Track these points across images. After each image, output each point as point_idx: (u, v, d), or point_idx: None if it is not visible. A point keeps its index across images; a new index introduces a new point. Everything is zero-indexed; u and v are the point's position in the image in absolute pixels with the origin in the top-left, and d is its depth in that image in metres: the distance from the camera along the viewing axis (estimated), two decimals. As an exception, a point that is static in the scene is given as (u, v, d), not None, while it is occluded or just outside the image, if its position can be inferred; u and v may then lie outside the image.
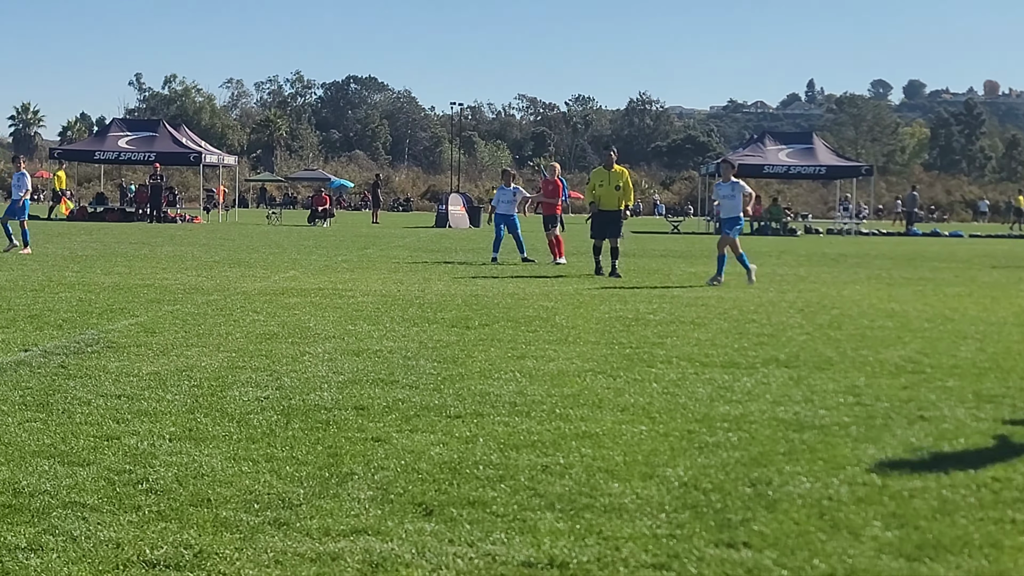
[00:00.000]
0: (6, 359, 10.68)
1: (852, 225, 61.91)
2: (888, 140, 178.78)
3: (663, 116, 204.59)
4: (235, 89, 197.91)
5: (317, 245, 33.85)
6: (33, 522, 5.69)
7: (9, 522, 5.67)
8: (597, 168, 25.64)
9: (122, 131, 60.77)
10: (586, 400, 9.18)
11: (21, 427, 7.79)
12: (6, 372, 9.93)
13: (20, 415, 8.18)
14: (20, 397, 8.82)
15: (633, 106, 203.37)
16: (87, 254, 26.77)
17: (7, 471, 6.61)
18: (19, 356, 10.87)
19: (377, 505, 6.10)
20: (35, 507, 5.92)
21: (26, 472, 6.59)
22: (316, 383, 9.70)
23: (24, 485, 6.31)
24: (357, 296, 17.46)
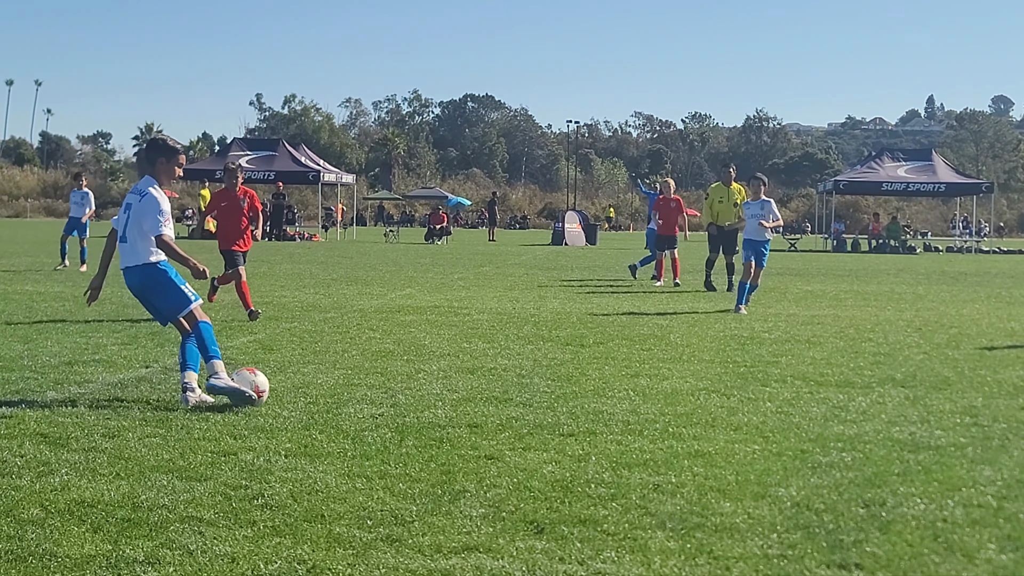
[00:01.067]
0: (128, 375, 10.90)
1: (972, 243, 60.85)
2: (1009, 157, 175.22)
3: (780, 133, 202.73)
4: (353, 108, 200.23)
5: (434, 263, 34.07)
6: (151, 536, 5.80)
7: (128, 535, 5.79)
8: (716, 184, 25.72)
9: (242, 150, 61.67)
10: (699, 419, 9.14)
11: (141, 442, 7.94)
12: (128, 388, 10.14)
13: (141, 430, 8.34)
14: (140, 413, 8.99)
15: (750, 123, 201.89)
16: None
17: (127, 485, 6.74)
18: (140, 372, 11.09)
19: (489, 523, 6.13)
20: (153, 521, 6.04)
21: (145, 486, 6.72)
22: (430, 401, 9.77)
23: (143, 499, 6.43)
24: (472, 314, 17.55)
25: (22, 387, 10.08)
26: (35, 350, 12.47)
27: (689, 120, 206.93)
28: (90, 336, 13.76)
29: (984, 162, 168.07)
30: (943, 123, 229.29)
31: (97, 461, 7.35)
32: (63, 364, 11.49)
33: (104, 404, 9.33)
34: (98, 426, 8.45)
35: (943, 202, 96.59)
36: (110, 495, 6.51)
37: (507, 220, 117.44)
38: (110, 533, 5.82)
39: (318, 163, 63.45)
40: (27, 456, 7.45)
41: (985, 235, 71.78)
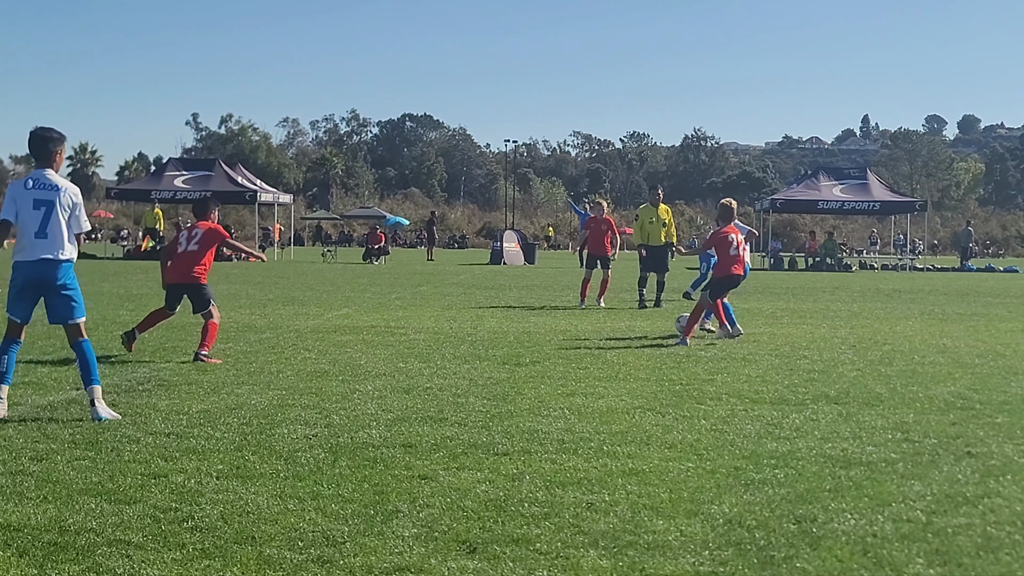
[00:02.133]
0: (58, 397, 10.79)
1: (907, 260, 61.45)
2: (943, 175, 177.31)
3: (718, 152, 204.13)
4: (291, 128, 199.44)
5: (372, 283, 33.98)
6: (78, 560, 5.73)
7: (54, 560, 5.72)
8: (645, 205, 26.30)
9: (178, 170, 61.30)
10: (634, 437, 9.16)
11: (70, 465, 7.85)
12: (58, 410, 10.03)
13: (70, 453, 8.25)
14: (70, 435, 8.90)
15: (688, 142, 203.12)
16: (142, 293, 26.96)
17: (54, 509, 6.67)
18: (71, 394, 10.97)
19: (421, 543, 6.11)
20: (80, 545, 5.97)
21: (73, 510, 6.64)
22: (365, 421, 9.73)
23: (71, 523, 6.36)
24: (409, 333, 17.51)
25: (-50, 410, 9.94)
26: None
27: (628, 139, 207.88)
28: (20, 358, 13.57)
29: (918, 180, 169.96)
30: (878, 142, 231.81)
31: (24, 484, 7.26)
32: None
33: (33, 427, 9.22)
34: (26, 449, 8.36)
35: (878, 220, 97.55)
36: (37, 519, 6.43)
37: (446, 239, 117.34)
38: (36, 557, 5.75)
39: (255, 183, 63.16)
40: (-47, 480, 7.35)
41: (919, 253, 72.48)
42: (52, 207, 9.73)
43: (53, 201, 9.75)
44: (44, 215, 9.70)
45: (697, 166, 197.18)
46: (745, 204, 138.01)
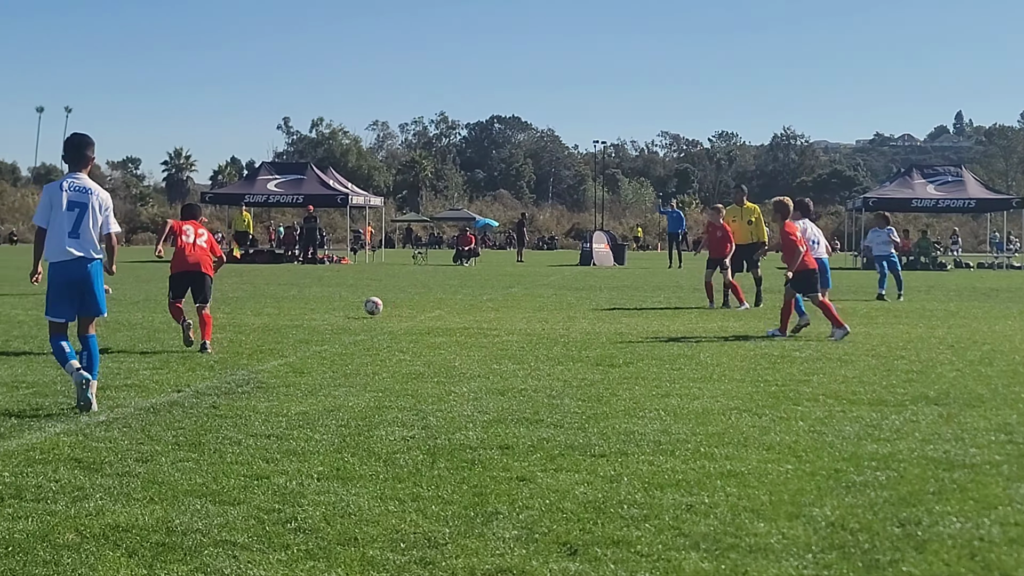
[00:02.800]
0: (161, 399, 10.95)
1: (1004, 259, 60.53)
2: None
3: (808, 151, 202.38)
4: (381, 131, 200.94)
5: (462, 284, 34.09)
6: (186, 560, 5.82)
7: (163, 560, 5.81)
8: (731, 205, 26.69)
9: (271, 174, 61.80)
10: (731, 439, 9.12)
11: (174, 466, 7.97)
12: (160, 412, 10.18)
13: (173, 455, 8.38)
14: (173, 437, 9.04)
15: (777, 141, 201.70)
16: (237, 296, 27.28)
17: (161, 510, 6.77)
18: (172, 397, 11.14)
19: (522, 544, 6.13)
20: (187, 545, 6.06)
21: (179, 511, 6.75)
22: (461, 422, 9.78)
23: (177, 524, 6.46)
24: (502, 335, 17.56)
25: (56, 412, 10.15)
26: (67, 376, 12.51)
27: (716, 139, 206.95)
28: (122, 361, 13.83)
29: (1014, 177, 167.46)
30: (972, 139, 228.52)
31: (131, 486, 7.38)
32: (96, 389, 11.52)
33: (137, 429, 9.37)
34: (132, 451, 8.49)
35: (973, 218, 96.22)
36: (144, 519, 6.53)
37: (535, 241, 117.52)
38: (145, 558, 5.85)
39: (346, 186, 63.55)
40: (62, 481, 7.49)
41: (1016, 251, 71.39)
42: (85, 209, 10.34)
43: (86, 203, 10.36)
44: (77, 216, 10.30)
45: (787, 165, 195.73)
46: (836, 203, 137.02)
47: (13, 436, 9.04)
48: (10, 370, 12.89)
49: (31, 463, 8.04)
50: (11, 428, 9.38)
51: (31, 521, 6.50)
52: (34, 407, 10.42)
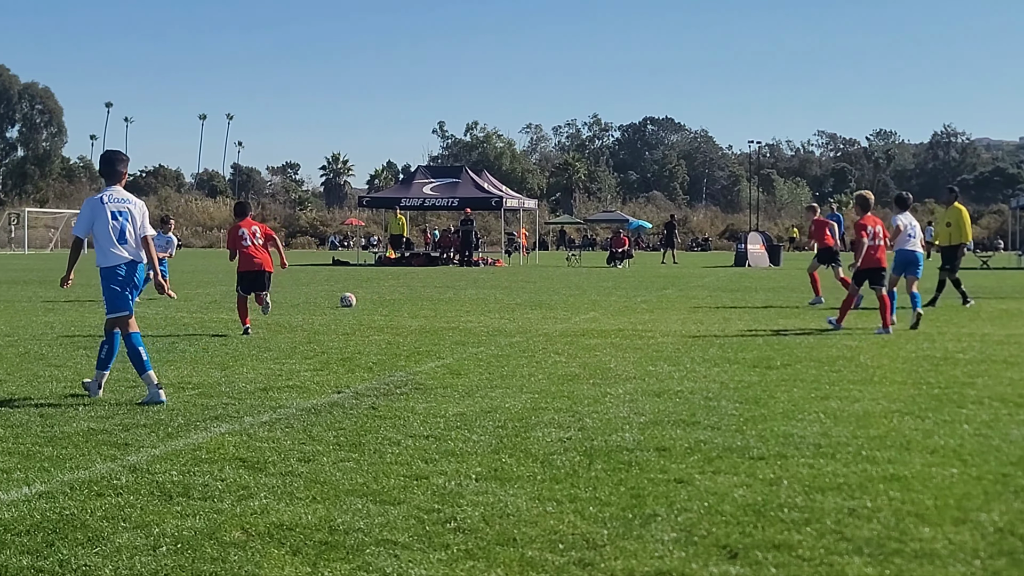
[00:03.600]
0: (321, 400, 11.12)
1: None
2: None
3: (969, 148, 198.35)
4: (534, 134, 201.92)
5: (616, 286, 34.04)
6: (348, 559, 5.91)
7: (326, 558, 5.91)
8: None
9: (426, 178, 62.40)
10: (893, 442, 8.97)
11: (335, 466, 8.10)
12: (321, 413, 10.34)
13: (335, 455, 8.51)
14: (334, 437, 9.18)
15: (937, 139, 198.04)
16: (394, 298, 27.61)
17: (323, 509, 6.88)
18: (333, 398, 11.31)
19: (681, 547, 6.10)
20: (349, 544, 6.14)
21: (341, 510, 6.85)
22: (618, 424, 9.76)
23: (339, 523, 6.56)
24: (657, 337, 17.50)
25: (221, 413, 10.37)
26: (232, 376, 12.81)
27: (874, 137, 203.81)
28: (283, 363, 14.09)
29: None
30: None
31: (294, 485, 7.51)
32: (259, 390, 11.79)
33: (299, 429, 9.53)
34: (294, 450, 8.65)
35: None
36: (307, 518, 6.64)
37: (688, 242, 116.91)
38: (309, 556, 5.95)
39: (500, 189, 63.92)
40: (227, 480, 7.66)
41: None
42: (127, 217, 11.37)
43: (127, 212, 11.39)
44: (122, 225, 11.29)
45: (947, 163, 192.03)
46: (999, 201, 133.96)
47: (180, 436, 9.27)
48: (176, 372, 13.20)
49: (197, 462, 8.24)
50: (178, 428, 9.61)
51: (198, 519, 6.65)
52: (200, 407, 10.66)
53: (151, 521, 6.59)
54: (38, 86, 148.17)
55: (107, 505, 6.95)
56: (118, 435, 9.27)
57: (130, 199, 11.57)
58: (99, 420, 9.96)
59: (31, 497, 7.16)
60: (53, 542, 6.17)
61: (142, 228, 11.47)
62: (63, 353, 15.03)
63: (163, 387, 11.16)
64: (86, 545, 6.11)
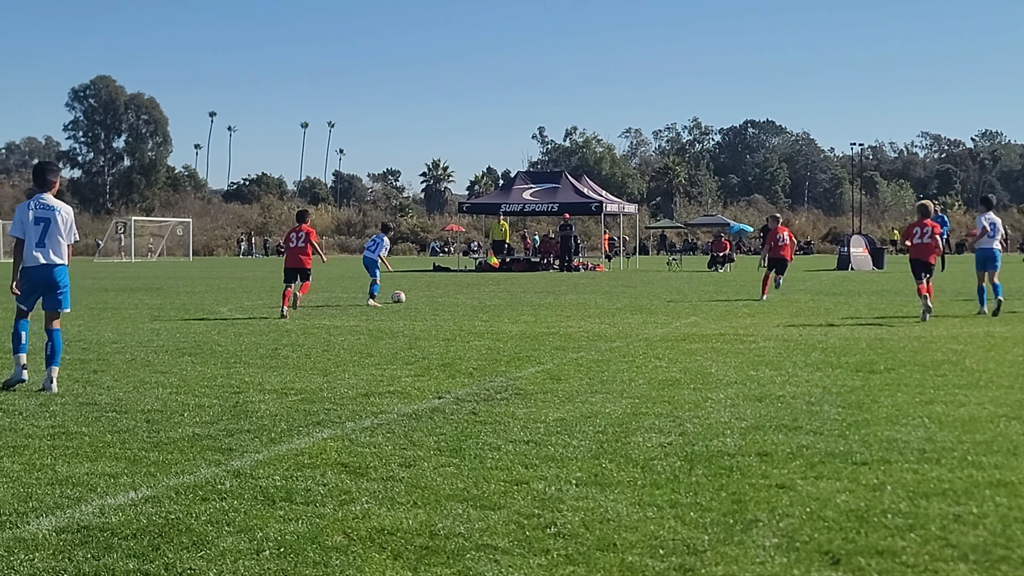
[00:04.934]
0: (422, 406, 11.18)
1: None
2: None
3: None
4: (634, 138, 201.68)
5: (718, 290, 33.89)
6: (449, 563, 5.94)
7: (427, 563, 5.94)
8: None
9: (526, 183, 62.51)
10: (1000, 447, 8.83)
11: (436, 471, 8.14)
12: (422, 419, 10.40)
13: (435, 460, 8.55)
14: (435, 443, 9.22)
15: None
16: (495, 304, 27.69)
17: (424, 513, 6.92)
18: (433, 403, 11.37)
19: (783, 553, 6.06)
20: (450, 549, 6.18)
21: (441, 515, 6.88)
22: (719, 429, 9.71)
23: (440, 527, 6.59)
24: (758, 341, 17.38)
25: (323, 418, 10.46)
26: (334, 382, 12.93)
27: (979, 138, 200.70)
28: (384, 368, 14.19)
29: None
30: None
31: (395, 490, 7.56)
32: (360, 396, 11.88)
33: (400, 434, 9.60)
34: (395, 456, 8.70)
35: None
36: (408, 523, 6.69)
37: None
38: (410, 560, 5.98)
39: (600, 194, 63.86)
40: (329, 485, 7.73)
41: None
42: (49, 223, 12.32)
43: (50, 219, 12.34)
44: (43, 230, 12.30)
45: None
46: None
47: (283, 441, 9.37)
48: (279, 377, 13.35)
49: (300, 467, 8.32)
50: (281, 433, 9.72)
51: (301, 523, 6.72)
52: (303, 413, 10.77)
53: (254, 525, 6.67)
54: (144, 97, 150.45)
55: (211, 509, 7.05)
56: (222, 440, 9.40)
57: (56, 206, 12.48)
58: (204, 426, 10.10)
59: (137, 502, 7.28)
60: (158, 546, 6.27)
61: (68, 234, 12.46)
62: (168, 360, 15.25)
63: (27, 367, 12.42)
64: (191, 549, 6.21)
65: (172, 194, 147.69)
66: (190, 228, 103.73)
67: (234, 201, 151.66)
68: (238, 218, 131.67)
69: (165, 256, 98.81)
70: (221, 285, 40.30)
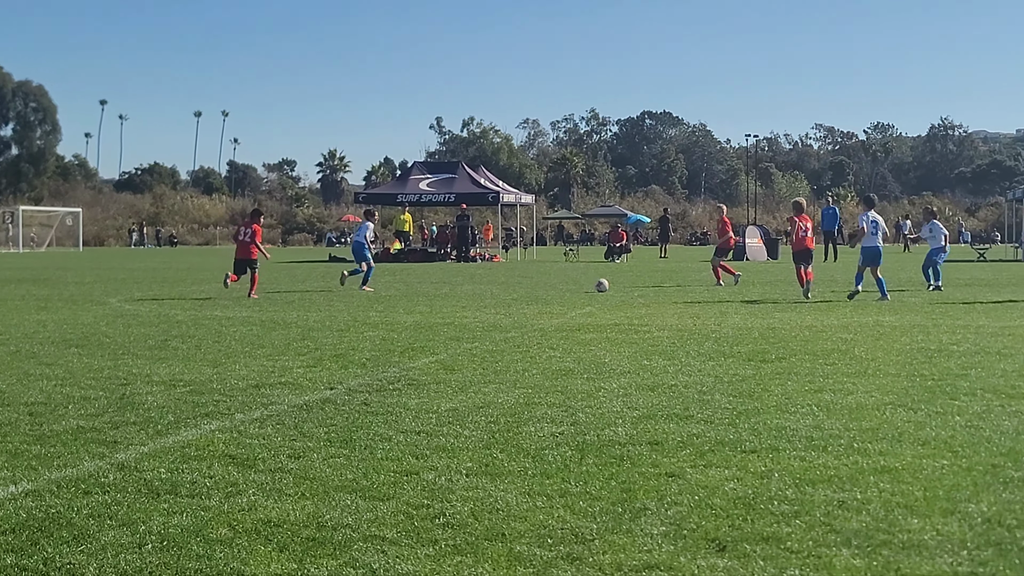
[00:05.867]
0: (313, 397, 11.10)
1: None
2: None
3: (966, 141, 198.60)
4: (531, 129, 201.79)
5: (613, 281, 34.00)
6: (335, 554, 5.89)
7: (313, 554, 5.89)
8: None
9: (423, 174, 62.31)
10: (885, 434, 8.95)
11: (326, 462, 8.08)
12: (313, 409, 10.32)
13: (325, 451, 8.49)
14: (325, 433, 9.15)
15: (935, 132, 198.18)
16: (390, 294, 27.59)
17: (312, 505, 6.86)
18: (325, 394, 11.28)
19: (670, 540, 6.08)
20: (337, 540, 6.13)
21: (329, 506, 6.83)
22: (611, 418, 9.75)
23: (327, 519, 6.54)
24: (652, 331, 17.48)
25: (211, 410, 10.34)
26: (224, 373, 12.79)
27: (871, 130, 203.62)
28: (276, 359, 14.06)
29: None
30: None
31: (283, 481, 7.50)
32: (251, 387, 11.76)
33: (290, 425, 9.51)
34: (284, 447, 8.63)
35: None
36: (295, 515, 6.63)
37: (687, 236, 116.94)
38: (296, 552, 5.92)
39: (497, 184, 63.86)
40: (216, 477, 7.64)
41: None
42: None
43: None
44: None
45: (944, 156, 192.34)
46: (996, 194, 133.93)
47: (170, 433, 9.24)
48: (168, 369, 13.18)
49: (186, 459, 8.22)
50: (168, 425, 9.59)
51: (185, 516, 6.63)
52: (191, 405, 10.64)
53: (137, 519, 6.57)
54: (32, 84, 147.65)
55: (94, 503, 6.93)
56: (107, 433, 9.25)
57: None
58: (89, 418, 9.94)
59: (17, 496, 7.14)
60: (38, 540, 6.15)
61: None
62: (54, 351, 14.99)
63: None
64: (71, 543, 6.09)
65: (62, 183, 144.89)
66: (80, 218, 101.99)
67: (126, 191, 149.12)
68: (130, 208, 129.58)
69: (54, 247, 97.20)
70: (112, 276, 39.72)
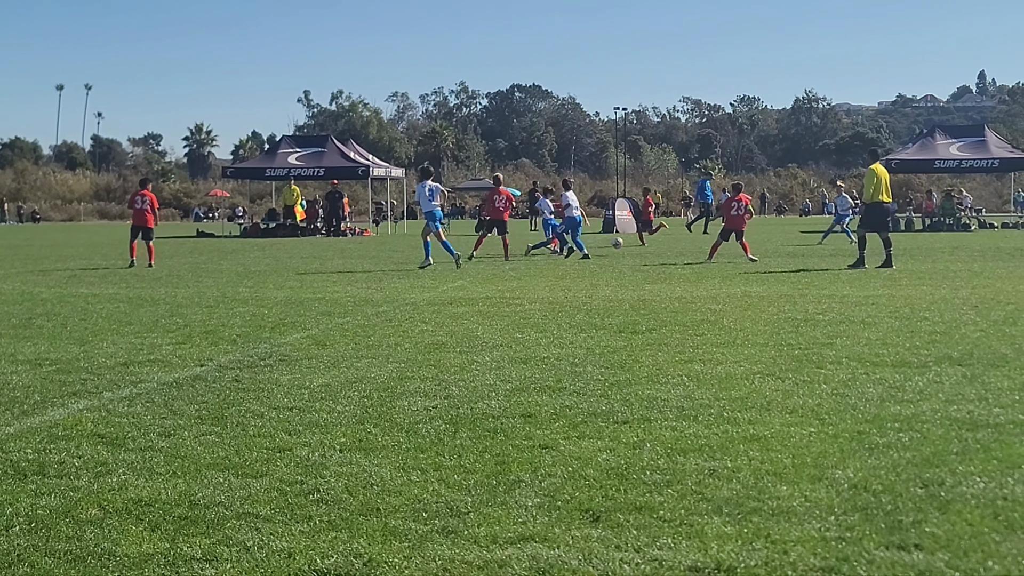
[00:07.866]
0: (183, 374, 10.97)
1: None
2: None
3: (830, 113, 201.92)
4: (401, 102, 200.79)
5: (485, 254, 34.04)
6: (208, 533, 5.84)
7: (185, 533, 5.83)
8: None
9: (291, 148, 61.78)
10: (754, 403, 9.10)
11: (197, 440, 8.00)
12: (183, 387, 10.20)
13: (196, 428, 8.40)
14: (196, 411, 9.06)
15: (799, 104, 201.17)
16: (260, 269, 27.34)
17: (184, 483, 6.79)
18: (195, 371, 11.16)
19: (544, 512, 6.13)
20: (210, 518, 6.07)
21: (202, 484, 6.77)
22: (484, 392, 9.78)
23: (200, 497, 6.48)
24: (524, 304, 17.55)
25: (79, 389, 10.17)
26: (91, 351, 12.58)
27: (738, 103, 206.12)
28: (145, 336, 13.87)
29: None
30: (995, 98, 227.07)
31: (154, 460, 7.41)
32: (119, 365, 11.59)
33: (160, 403, 9.39)
34: (154, 425, 8.52)
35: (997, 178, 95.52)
36: (167, 494, 6.55)
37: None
38: (168, 531, 5.86)
39: (367, 158, 63.52)
40: (85, 457, 7.52)
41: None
42: None
43: None
44: None
45: (809, 128, 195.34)
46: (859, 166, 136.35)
47: (36, 413, 9.08)
48: (33, 348, 12.93)
49: (54, 439, 8.08)
50: (34, 405, 9.42)
51: (54, 497, 6.53)
52: (57, 384, 10.45)
53: (4, 501, 6.45)
54: None
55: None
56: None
57: None
58: (-48, 399, 9.72)
59: None
60: (-99, 525, 6.01)
61: None
62: (-84, 331, 14.63)
63: None
64: (-64, 527, 5.97)
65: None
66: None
67: None
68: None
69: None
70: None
